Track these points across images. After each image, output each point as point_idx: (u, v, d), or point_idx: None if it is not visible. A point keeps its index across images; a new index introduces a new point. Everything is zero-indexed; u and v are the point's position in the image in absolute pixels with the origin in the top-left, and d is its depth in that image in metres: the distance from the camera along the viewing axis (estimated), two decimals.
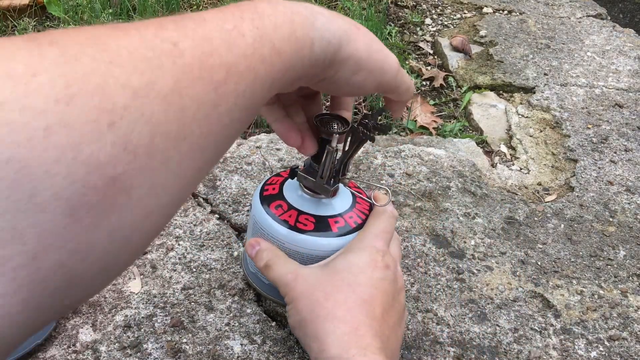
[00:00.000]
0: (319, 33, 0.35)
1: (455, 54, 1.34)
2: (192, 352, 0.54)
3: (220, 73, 0.28)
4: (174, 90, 0.25)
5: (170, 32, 0.27)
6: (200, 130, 0.27)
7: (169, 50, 0.26)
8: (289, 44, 0.33)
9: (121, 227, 0.24)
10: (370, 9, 1.39)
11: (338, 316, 0.46)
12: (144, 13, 1.27)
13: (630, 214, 0.81)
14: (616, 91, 1.15)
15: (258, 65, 0.30)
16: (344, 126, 0.53)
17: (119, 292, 0.60)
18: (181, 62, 0.26)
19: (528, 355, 0.58)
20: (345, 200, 0.56)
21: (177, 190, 0.27)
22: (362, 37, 0.39)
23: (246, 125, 0.32)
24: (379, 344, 0.45)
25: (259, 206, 0.54)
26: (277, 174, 0.59)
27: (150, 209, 0.26)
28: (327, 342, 0.45)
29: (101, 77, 0.23)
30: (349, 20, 0.39)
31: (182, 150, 0.26)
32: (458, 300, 0.64)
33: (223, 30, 0.29)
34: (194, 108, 0.26)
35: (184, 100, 0.26)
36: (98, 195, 0.23)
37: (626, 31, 1.42)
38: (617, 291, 0.68)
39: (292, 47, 0.33)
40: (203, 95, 0.27)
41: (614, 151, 0.95)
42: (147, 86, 0.24)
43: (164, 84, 0.25)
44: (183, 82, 0.26)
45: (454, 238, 0.72)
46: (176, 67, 0.26)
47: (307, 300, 0.48)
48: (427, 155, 0.87)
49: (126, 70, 0.24)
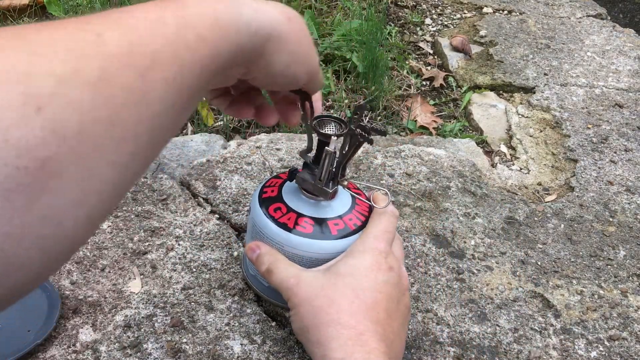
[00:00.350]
0: (244, 21, 0.36)
1: (455, 54, 1.34)
2: (192, 352, 0.54)
3: (145, 60, 0.28)
4: (101, 78, 0.26)
5: (93, 25, 0.28)
6: (130, 117, 0.28)
7: (92, 41, 0.27)
8: (212, 31, 0.33)
9: (53, 211, 0.25)
10: (370, 9, 1.39)
11: (342, 322, 0.46)
12: None
13: (630, 214, 0.81)
14: (616, 91, 1.15)
15: (183, 52, 0.31)
16: (342, 128, 0.53)
17: (119, 292, 0.60)
18: (106, 50, 0.27)
19: (528, 355, 0.58)
20: (344, 202, 0.55)
21: (113, 177, 0.28)
22: (293, 27, 0.40)
23: (185, 113, 0.33)
24: (383, 348, 0.45)
25: (258, 209, 0.54)
26: (275, 176, 0.58)
27: (84, 194, 0.26)
28: (331, 347, 0.45)
29: (25, 66, 0.24)
30: (282, 9, 0.40)
31: (113, 136, 0.27)
32: (458, 300, 0.64)
33: (147, 20, 0.30)
34: (122, 95, 0.27)
35: (112, 87, 0.27)
36: (29, 178, 0.24)
37: (626, 31, 1.42)
38: (617, 291, 0.68)
39: (217, 34, 0.33)
40: (131, 82, 0.28)
41: (614, 151, 0.95)
42: (72, 74, 0.25)
43: (89, 72, 0.26)
44: (109, 70, 0.27)
45: (454, 238, 0.72)
46: (101, 56, 0.27)
47: (310, 306, 0.48)
48: (427, 155, 0.87)
49: (50, 59, 0.25)
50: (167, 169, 0.78)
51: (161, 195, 0.73)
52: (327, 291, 0.48)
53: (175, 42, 0.31)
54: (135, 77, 0.28)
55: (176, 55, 0.30)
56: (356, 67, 1.25)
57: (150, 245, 0.66)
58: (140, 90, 0.28)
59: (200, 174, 0.77)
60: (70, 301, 0.58)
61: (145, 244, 0.66)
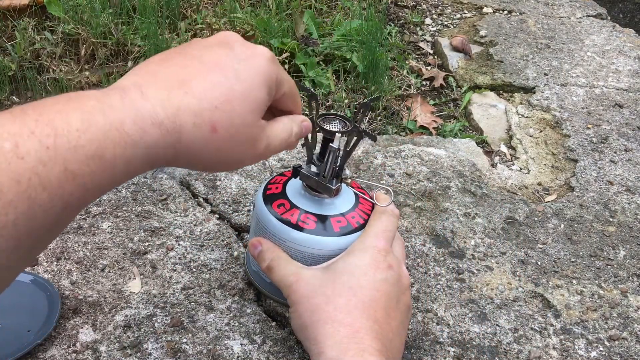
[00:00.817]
0: (142, 148, 0.32)
1: (455, 54, 1.34)
2: (192, 352, 0.54)
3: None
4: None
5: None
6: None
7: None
8: (88, 167, 0.30)
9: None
10: (370, 9, 1.39)
11: (338, 319, 0.46)
12: (144, 13, 1.27)
13: (630, 214, 0.81)
14: (616, 91, 1.15)
15: (38, 192, 0.28)
16: (346, 126, 0.53)
17: (119, 292, 0.60)
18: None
19: (528, 355, 0.58)
20: (348, 200, 0.56)
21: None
22: (218, 137, 0.36)
23: (35, 251, 0.30)
24: (378, 346, 0.45)
25: (262, 205, 0.54)
26: (280, 174, 0.59)
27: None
28: (326, 344, 0.45)
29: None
30: (211, 116, 0.36)
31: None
32: (458, 300, 0.64)
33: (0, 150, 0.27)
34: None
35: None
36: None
37: (626, 31, 1.42)
38: (617, 291, 0.68)
39: (93, 169, 0.30)
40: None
41: (614, 151, 0.95)
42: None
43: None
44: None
45: (454, 238, 0.72)
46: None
47: (309, 304, 0.48)
48: (427, 155, 0.87)
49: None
50: (167, 168, 0.78)
51: (161, 195, 0.73)
52: (325, 289, 0.48)
53: (27, 181, 0.27)
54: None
55: (25, 197, 0.27)
56: (356, 67, 1.25)
57: (150, 245, 0.66)
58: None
59: (200, 174, 0.77)
60: (70, 301, 0.58)
61: (145, 244, 0.66)
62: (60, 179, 0.28)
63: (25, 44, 1.21)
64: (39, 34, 1.25)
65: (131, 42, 1.25)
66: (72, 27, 1.24)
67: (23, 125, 0.28)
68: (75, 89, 1.19)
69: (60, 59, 1.23)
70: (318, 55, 1.28)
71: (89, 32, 1.23)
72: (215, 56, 0.39)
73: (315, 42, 1.30)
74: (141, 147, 0.33)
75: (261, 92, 0.40)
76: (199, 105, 0.36)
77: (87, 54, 1.24)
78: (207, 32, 1.32)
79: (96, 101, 0.32)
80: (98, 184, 0.31)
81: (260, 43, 1.28)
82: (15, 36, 1.23)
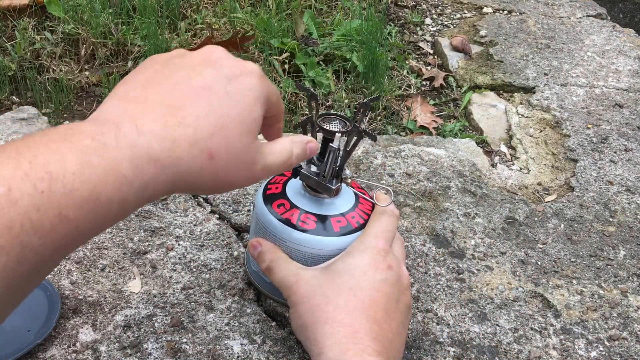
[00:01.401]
0: (138, 186, 0.32)
1: (455, 54, 1.34)
2: (192, 352, 0.54)
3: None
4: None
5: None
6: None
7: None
8: (82, 210, 0.29)
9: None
10: (370, 9, 1.39)
11: (338, 320, 0.46)
12: (144, 13, 1.27)
13: (630, 214, 0.81)
14: (616, 91, 1.15)
15: (30, 236, 0.27)
16: (346, 125, 0.53)
17: (119, 292, 0.60)
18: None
19: (528, 355, 0.59)
20: (348, 200, 0.56)
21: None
22: (215, 165, 0.36)
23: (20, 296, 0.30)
24: (378, 346, 0.45)
25: (262, 204, 0.54)
26: (280, 174, 0.59)
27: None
28: (326, 345, 0.45)
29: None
30: (208, 144, 0.35)
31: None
32: (458, 300, 0.64)
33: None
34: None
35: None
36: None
37: (626, 31, 1.42)
38: (617, 291, 0.68)
39: (88, 211, 0.30)
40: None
41: (614, 151, 0.95)
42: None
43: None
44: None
45: (454, 238, 0.72)
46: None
47: (308, 304, 0.48)
48: (427, 155, 0.87)
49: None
50: None
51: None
52: (325, 289, 0.48)
53: (20, 227, 0.27)
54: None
55: (16, 243, 0.27)
56: (356, 67, 1.25)
57: (150, 245, 0.66)
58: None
59: None
60: (70, 301, 0.58)
61: (145, 243, 0.66)
62: (53, 223, 0.28)
63: (25, 44, 1.21)
64: (39, 33, 1.25)
65: (131, 42, 1.25)
66: (72, 27, 1.24)
67: (17, 168, 0.28)
68: (75, 89, 1.19)
69: (60, 58, 1.23)
70: (318, 55, 1.28)
71: (89, 32, 1.24)
72: (203, 79, 0.38)
73: (315, 42, 1.30)
74: (137, 186, 0.32)
75: (255, 113, 0.39)
76: (195, 135, 0.35)
77: (87, 54, 1.24)
78: (207, 32, 1.32)
79: (91, 140, 0.31)
80: (92, 226, 0.31)
81: (260, 43, 1.28)
82: (15, 36, 1.24)
